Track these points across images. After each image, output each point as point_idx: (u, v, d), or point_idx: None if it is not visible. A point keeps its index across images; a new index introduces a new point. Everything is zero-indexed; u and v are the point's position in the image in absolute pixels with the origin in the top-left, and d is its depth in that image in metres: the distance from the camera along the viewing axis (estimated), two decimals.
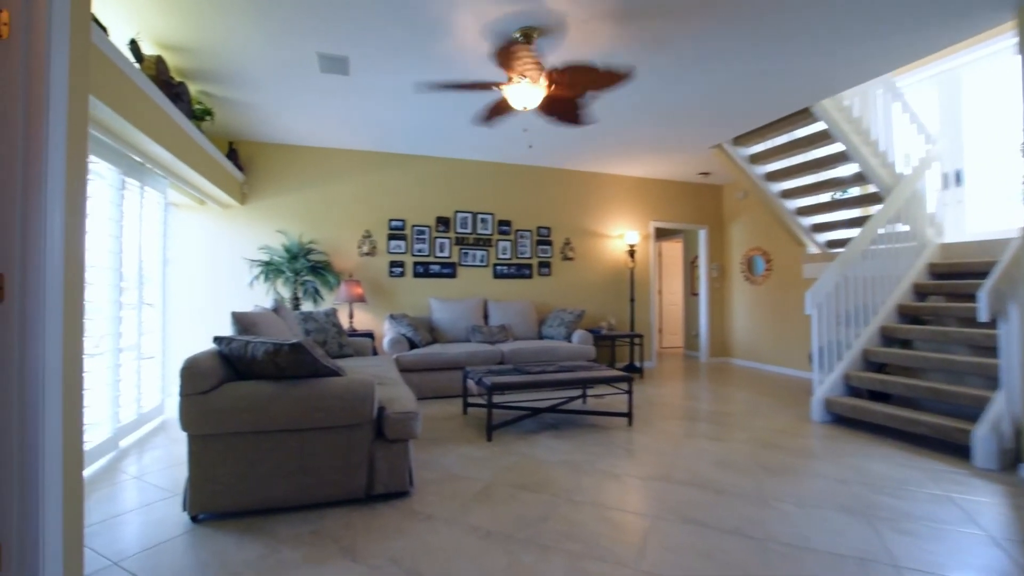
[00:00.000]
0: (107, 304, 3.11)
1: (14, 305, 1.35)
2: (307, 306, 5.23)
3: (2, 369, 1.34)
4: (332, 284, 5.28)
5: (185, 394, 2.13)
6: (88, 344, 2.96)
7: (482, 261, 6.07)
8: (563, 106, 3.44)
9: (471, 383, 3.85)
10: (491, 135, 5.17)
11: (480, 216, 6.08)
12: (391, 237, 5.71)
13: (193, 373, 2.14)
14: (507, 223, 6.19)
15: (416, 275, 5.80)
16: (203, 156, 4.00)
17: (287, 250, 5.09)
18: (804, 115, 4.72)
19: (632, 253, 6.53)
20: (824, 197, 5.63)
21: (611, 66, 3.30)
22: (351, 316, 5.24)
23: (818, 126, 4.83)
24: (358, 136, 5.19)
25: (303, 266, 5.06)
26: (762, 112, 4.55)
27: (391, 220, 5.72)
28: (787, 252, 6.43)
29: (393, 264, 5.71)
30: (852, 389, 4.10)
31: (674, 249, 9.12)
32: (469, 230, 6.03)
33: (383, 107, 4.38)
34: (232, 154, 4.99)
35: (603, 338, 5.85)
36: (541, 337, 5.83)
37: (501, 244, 6.16)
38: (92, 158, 2.83)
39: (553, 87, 3.11)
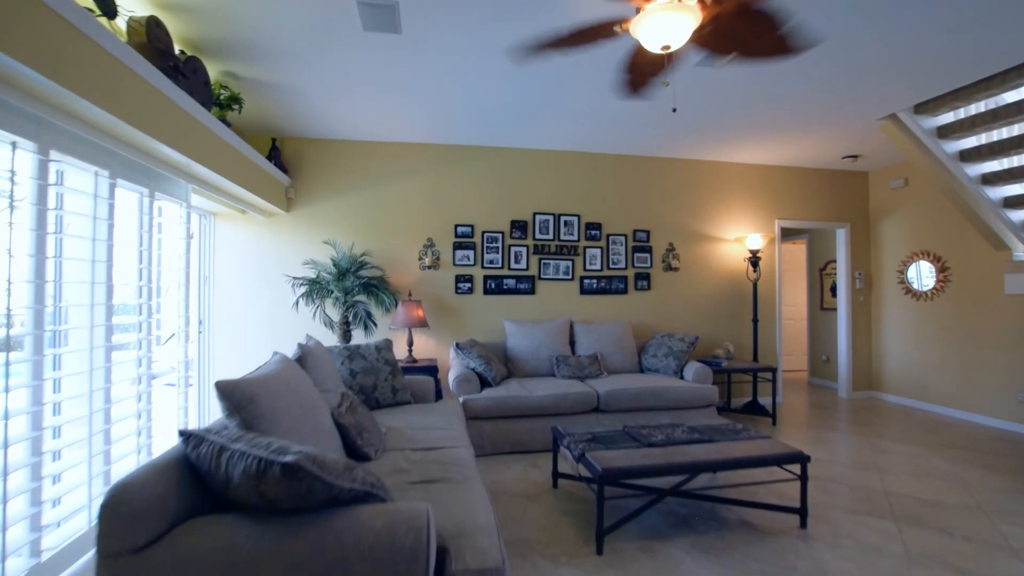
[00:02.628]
0: (87, 349, 2.34)
1: None
2: (357, 334, 4.37)
3: None
4: (388, 304, 4.40)
5: (105, 554, 1.22)
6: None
7: (566, 273, 4.97)
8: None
9: (566, 452, 2.78)
10: (576, 119, 4.06)
11: (564, 218, 4.98)
12: (457, 246, 4.76)
13: (118, 515, 1.22)
14: (596, 226, 5.05)
15: (487, 291, 4.81)
16: (229, 154, 3.22)
17: (335, 264, 4.27)
18: None
19: (755, 262, 5.16)
20: None
21: (791, 33, 2.13)
22: (410, 344, 4.34)
23: None
24: (416, 124, 4.27)
25: (353, 284, 4.21)
26: (991, 58, 3.10)
27: (457, 226, 4.77)
28: (975, 257, 4.79)
29: (460, 279, 4.76)
30: None
31: (793, 252, 7.53)
32: (550, 236, 4.95)
33: (444, 79, 3.40)
34: (274, 153, 4.24)
35: (722, 371, 4.56)
36: (642, 369, 4.64)
37: (589, 252, 5.03)
38: (53, 154, 2.04)
39: (708, 27, 1.97)
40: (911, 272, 5.41)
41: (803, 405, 5.44)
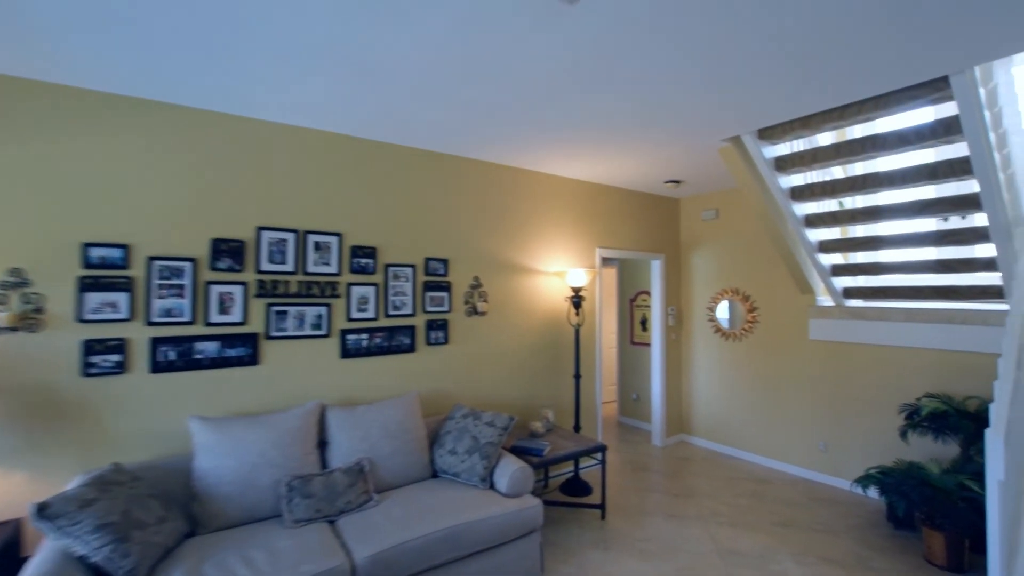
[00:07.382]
0: None
1: None
2: None
3: None
4: None
5: None
6: None
7: (317, 326, 3.11)
8: None
9: None
10: (325, 66, 2.30)
11: (314, 238, 3.11)
12: (88, 285, 2.49)
13: None
14: (369, 252, 3.32)
15: (159, 367, 2.65)
16: None
17: None
18: (889, 100, 2.67)
19: (578, 303, 4.09)
20: (888, 229, 3.77)
21: None
22: None
23: (945, 109, 2.85)
24: None
25: None
26: (868, 78, 2.38)
27: (87, 245, 2.49)
28: (782, 299, 4.54)
29: (94, 346, 2.49)
30: None
31: (607, 276, 6.93)
32: (290, 266, 3.03)
33: None
34: None
35: (545, 463, 3.29)
36: (435, 473, 3.09)
37: (357, 292, 3.27)
38: None
39: None
40: (720, 310, 5.06)
41: (623, 467, 4.62)
